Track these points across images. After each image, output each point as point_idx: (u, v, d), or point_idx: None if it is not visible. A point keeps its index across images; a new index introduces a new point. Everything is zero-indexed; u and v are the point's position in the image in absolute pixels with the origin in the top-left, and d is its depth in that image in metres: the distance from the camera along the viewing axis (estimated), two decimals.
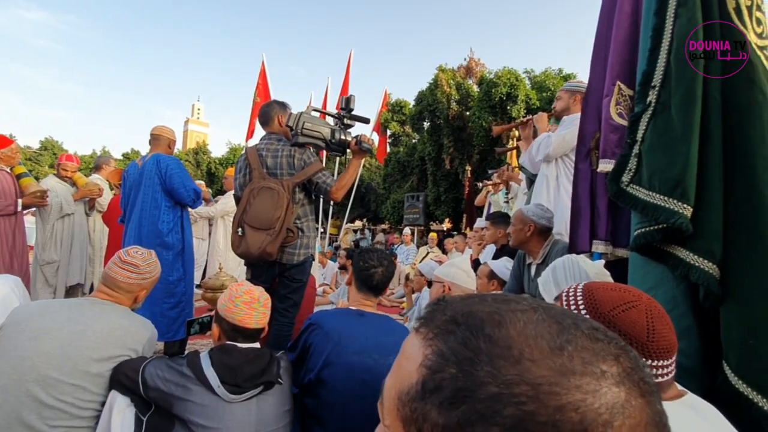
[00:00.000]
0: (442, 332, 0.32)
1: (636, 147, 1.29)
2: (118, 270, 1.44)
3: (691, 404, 0.79)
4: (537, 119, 2.78)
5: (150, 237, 2.67)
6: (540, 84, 13.25)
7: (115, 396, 1.26)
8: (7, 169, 3.40)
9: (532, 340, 0.29)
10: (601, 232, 1.73)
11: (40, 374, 1.19)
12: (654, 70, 1.27)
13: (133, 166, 2.75)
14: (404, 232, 9.60)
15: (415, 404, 0.30)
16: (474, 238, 4.47)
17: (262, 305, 1.36)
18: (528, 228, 2.16)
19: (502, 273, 2.65)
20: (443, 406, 0.28)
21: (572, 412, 0.26)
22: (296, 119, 2.17)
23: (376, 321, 1.52)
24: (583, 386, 0.27)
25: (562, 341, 0.29)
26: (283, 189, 2.11)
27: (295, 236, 2.16)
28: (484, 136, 13.01)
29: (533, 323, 0.31)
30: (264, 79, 7.25)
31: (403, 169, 16.85)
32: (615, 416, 0.27)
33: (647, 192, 1.24)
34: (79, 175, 3.91)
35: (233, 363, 1.24)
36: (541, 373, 0.27)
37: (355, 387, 1.35)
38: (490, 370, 0.28)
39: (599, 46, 1.72)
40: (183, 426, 1.17)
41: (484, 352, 0.29)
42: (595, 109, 1.72)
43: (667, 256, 1.22)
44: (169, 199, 2.73)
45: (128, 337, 1.35)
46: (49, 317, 1.28)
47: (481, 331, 0.30)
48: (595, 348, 0.30)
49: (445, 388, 0.29)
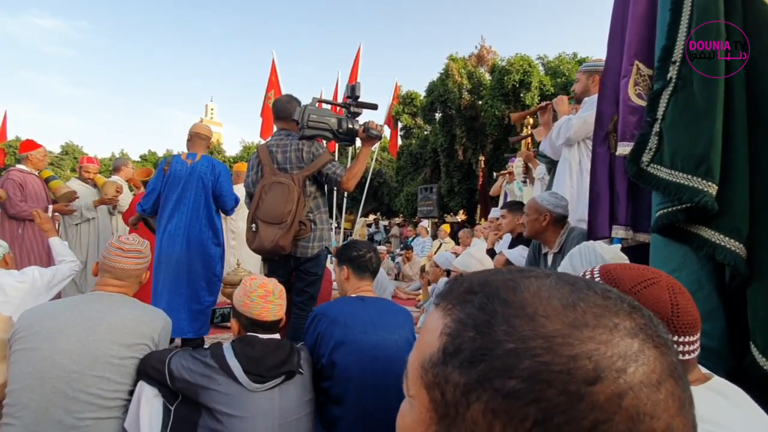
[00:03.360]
0: (460, 302, 0.33)
1: (656, 125, 1.24)
2: (123, 260, 1.45)
3: (717, 389, 0.77)
4: (557, 103, 2.71)
5: (204, 237, 2.76)
6: (554, 69, 12.96)
7: (142, 387, 1.30)
8: (35, 172, 3.52)
9: (545, 300, 0.30)
10: (621, 216, 1.69)
11: (62, 370, 1.22)
12: (674, 45, 1.22)
13: (180, 162, 2.78)
14: (421, 224, 9.59)
15: (437, 369, 0.31)
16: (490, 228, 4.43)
17: (278, 297, 1.37)
18: (543, 217, 2.11)
19: (518, 262, 2.63)
20: (463, 366, 0.29)
21: (585, 360, 0.27)
22: (301, 112, 2.19)
23: (376, 303, 1.60)
24: (596, 337, 0.28)
25: (575, 299, 0.30)
26: (294, 183, 2.13)
27: (307, 229, 2.18)
28: (497, 125, 12.83)
29: (546, 287, 0.32)
30: (275, 76, 7.29)
31: (416, 161, 16.77)
32: (629, 363, 0.27)
33: (669, 171, 1.20)
34: (99, 177, 4.02)
35: (255, 354, 1.26)
36: (554, 327, 0.28)
37: (366, 363, 1.41)
38: (506, 328, 0.29)
39: (616, 25, 1.67)
40: (209, 414, 1.20)
41: (500, 313, 0.30)
42: (613, 90, 1.67)
43: (691, 237, 1.18)
44: (215, 203, 2.84)
45: (143, 326, 1.37)
46: (61, 316, 1.30)
47: (496, 296, 0.31)
48: (608, 304, 0.31)
49: (464, 350, 0.30)
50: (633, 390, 0.27)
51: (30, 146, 3.58)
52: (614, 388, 0.26)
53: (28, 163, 3.51)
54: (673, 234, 1.23)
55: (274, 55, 7.40)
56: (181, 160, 2.78)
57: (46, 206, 3.44)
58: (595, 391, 0.26)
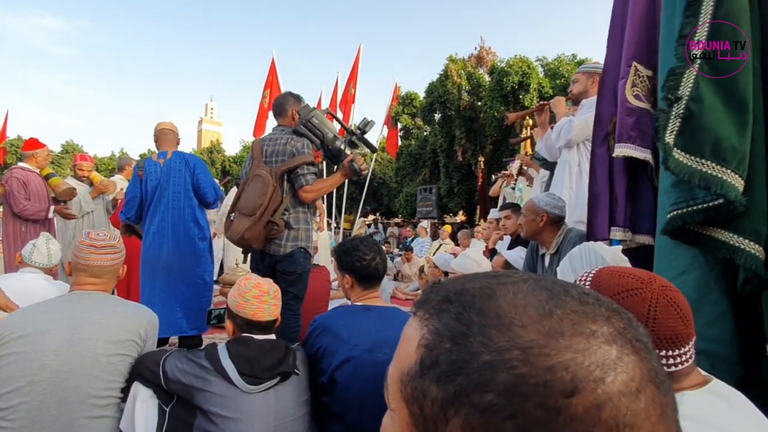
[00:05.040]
0: (437, 311, 0.32)
1: (680, 105, 1.10)
2: (98, 257, 1.41)
3: (717, 391, 0.76)
4: (554, 103, 2.71)
5: (190, 233, 2.74)
6: (553, 71, 12.96)
7: (137, 388, 1.29)
8: (37, 171, 3.51)
9: (521, 308, 0.30)
10: (619, 218, 1.68)
11: (51, 371, 1.21)
12: (697, 21, 1.10)
13: (153, 164, 2.76)
14: (420, 224, 9.58)
15: (415, 382, 0.31)
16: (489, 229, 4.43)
17: (272, 297, 1.35)
18: (540, 218, 2.12)
19: (516, 263, 2.62)
20: (440, 380, 0.29)
21: (563, 371, 0.26)
22: (308, 110, 2.19)
23: (383, 314, 1.49)
24: (573, 346, 0.27)
25: (551, 306, 0.30)
26: (270, 176, 2.11)
27: (279, 229, 2.13)
28: (496, 126, 12.82)
29: (523, 293, 0.31)
30: (274, 75, 7.29)
31: (415, 162, 16.76)
32: (607, 372, 0.27)
33: (698, 159, 1.07)
34: (95, 174, 4.00)
35: (250, 354, 1.25)
36: (530, 337, 0.28)
37: (369, 383, 1.34)
38: (482, 339, 0.28)
39: (615, 25, 1.66)
40: (204, 416, 1.19)
41: (476, 324, 0.29)
42: (612, 91, 1.67)
43: (705, 240, 1.10)
44: (195, 196, 2.81)
45: (128, 322, 1.36)
46: (42, 318, 1.28)
47: (472, 305, 0.31)
48: (585, 310, 0.30)
49: (441, 362, 0.29)
50: (612, 400, 0.26)
51: (34, 145, 3.58)
52: (592, 399, 0.26)
53: (32, 162, 3.51)
54: (683, 236, 1.16)
55: (273, 55, 7.42)
56: (153, 161, 2.76)
57: (48, 206, 3.44)
58: (573, 404, 0.26)
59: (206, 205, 2.89)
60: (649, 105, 1.52)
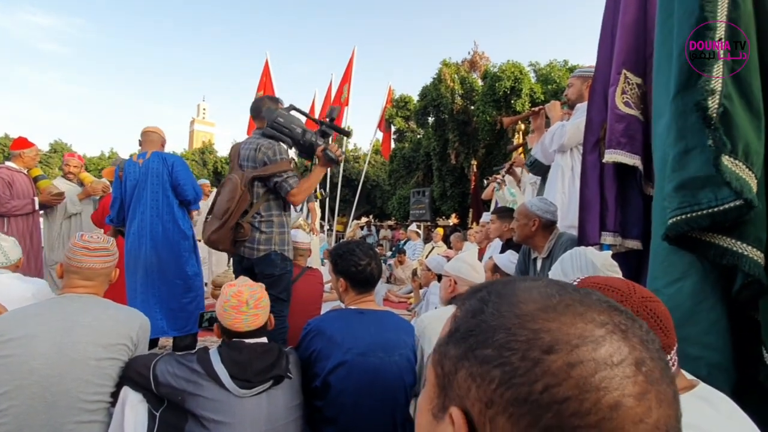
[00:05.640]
0: (469, 297, 0.40)
1: (714, 100, 1.03)
2: (90, 259, 1.39)
3: (703, 395, 0.78)
4: (549, 108, 2.73)
5: (169, 233, 2.71)
6: (545, 77, 13.10)
7: (127, 392, 1.27)
8: (24, 170, 3.46)
9: (530, 292, 0.36)
10: (610, 223, 1.70)
11: (40, 375, 1.19)
12: (715, 16, 1.05)
13: (132, 164, 2.74)
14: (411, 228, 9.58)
15: (442, 348, 0.38)
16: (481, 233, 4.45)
17: (252, 307, 1.30)
18: (533, 223, 2.13)
19: (506, 267, 2.63)
20: (458, 342, 0.36)
21: (544, 333, 0.32)
22: (271, 111, 2.22)
23: (377, 318, 1.49)
24: (559, 318, 0.33)
25: (555, 292, 0.36)
26: (240, 180, 2.14)
27: (245, 232, 2.14)
28: (489, 131, 12.92)
29: (537, 286, 0.37)
30: (268, 77, 7.28)
31: (409, 164, 16.80)
32: (584, 342, 0.31)
33: (733, 160, 1.01)
34: (85, 174, 3.95)
35: (242, 358, 1.25)
36: (527, 309, 0.34)
37: (363, 387, 1.34)
38: (492, 311, 0.36)
39: (606, 32, 1.69)
40: (195, 421, 1.18)
41: (492, 302, 0.37)
42: (603, 97, 1.69)
43: (704, 246, 1.08)
44: (174, 195, 2.78)
45: (120, 326, 1.34)
46: (31, 321, 1.26)
47: (494, 290, 0.38)
48: (583, 299, 0.35)
49: (461, 329, 0.37)
50: (584, 363, 0.30)
51: (22, 144, 3.52)
52: (566, 359, 0.30)
53: (19, 161, 3.45)
54: (682, 242, 1.13)
55: (267, 56, 7.40)
56: (133, 162, 2.74)
57: (31, 200, 3.38)
58: (549, 359, 0.30)
59: (186, 203, 2.85)
60: (638, 112, 1.54)
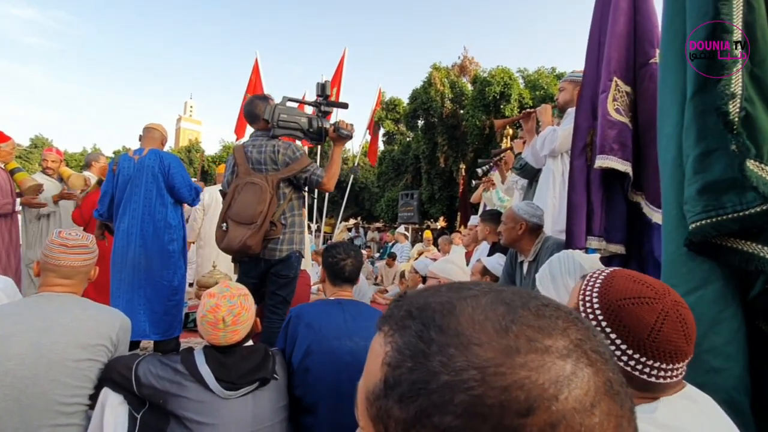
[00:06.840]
0: (400, 328, 0.33)
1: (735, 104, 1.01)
2: (69, 257, 1.35)
3: (689, 396, 0.79)
4: (540, 111, 2.75)
5: (160, 234, 2.65)
6: (533, 83, 13.30)
7: (107, 394, 1.24)
8: (1, 165, 3.35)
9: (479, 324, 0.30)
10: (595, 227, 1.73)
11: (14, 377, 1.15)
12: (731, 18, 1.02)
13: (127, 159, 2.67)
14: (398, 230, 9.59)
15: (380, 402, 0.31)
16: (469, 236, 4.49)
17: (229, 324, 1.23)
18: (519, 226, 2.16)
19: (494, 269, 2.66)
20: (402, 401, 0.29)
21: (518, 391, 0.27)
22: (272, 111, 2.19)
23: (354, 307, 1.58)
24: (528, 363, 0.28)
25: (507, 322, 0.30)
26: (267, 184, 2.12)
27: (278, 230, 2.15)
28: (478, 135, 13.04)
29: (481, 308, 0.31)
30: (257, 76, 7.21)
31: (398, 167, 16.83)
32: (560, 389, 0.27)
33: (759, 164, 0.97)
34: (64, 168, 3.85)
35: (227, 360, 1.23)
36: (487, 356, 0.28)
37: (340, 370, 1.38)
38: (441, 359, 0.29)
39: (594, 39, 1.71)
40: (178, 423, 1.15)
41: (436, 342, 0.30)
42: (590, 103, 1.72)
43: (728, 252, 1.05)
44: (170, 195, 2.72)
45: (100, 326, 1.31)
46: (9, 321, 1.22)
47: (432, 322, 0.31)
48: (541, 324, 0.30)
49: (403, 382, 0.30)
50: (566, 418, 0.26)
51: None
52: (546, 418, 0.26)
53: None
54: (702, 248, 1.09)
55: (257, 56, 7.34)
56: (128, 158, 2.68)
57: (12, 200, 3.28)
58: (528, 424, 0.26)
59: (186, 203, 2.82)
60: (628, 119, 1.57)
